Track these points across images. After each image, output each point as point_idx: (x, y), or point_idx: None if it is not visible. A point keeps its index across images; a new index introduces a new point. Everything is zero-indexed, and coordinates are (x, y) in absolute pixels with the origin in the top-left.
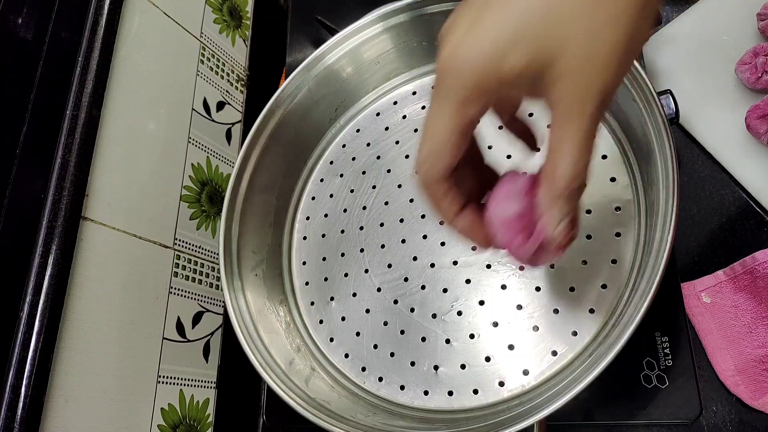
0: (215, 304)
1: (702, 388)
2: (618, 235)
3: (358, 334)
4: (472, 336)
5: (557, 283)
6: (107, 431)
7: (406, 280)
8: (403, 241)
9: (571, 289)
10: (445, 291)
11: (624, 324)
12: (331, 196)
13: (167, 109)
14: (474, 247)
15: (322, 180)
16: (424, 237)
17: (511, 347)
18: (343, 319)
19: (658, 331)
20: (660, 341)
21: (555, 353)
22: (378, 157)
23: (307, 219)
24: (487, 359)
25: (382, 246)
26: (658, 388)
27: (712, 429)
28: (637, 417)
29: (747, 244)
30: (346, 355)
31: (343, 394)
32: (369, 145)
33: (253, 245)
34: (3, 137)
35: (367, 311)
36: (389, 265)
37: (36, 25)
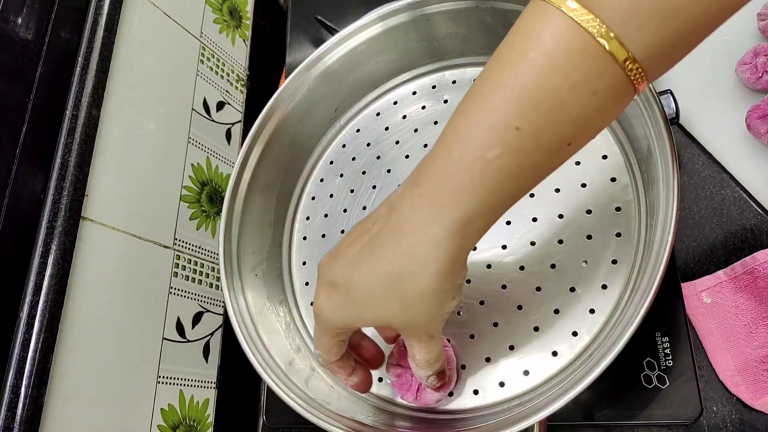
0: (215, 304)
1: (702, 388)
2: (618, 235)
3: None
4: (472, 336)
5: (557, 283)
6: (107, 431)
7: None
8: None
9: (571, 289)
10: None
11: (624, 324)
12: (331, 196)
13: (167, 109)
14: (474, 247)
15: (322, 180)
16: None
17: (511, 347)
18: None
19: (659, 331)
20: (660, 341)
21: (555, 353)
22: (378, 157)
23: (307, 219)
24: (487, 359)
25: None
26: (659, 388)
27: (712, 429)
28: (637, 417)
29: (747, 244)
30: None
31: (343, 394)
32: (369, 145)
33: (253, 245)
34: (3, 137)
35: None
36: None
37: (36, 25)
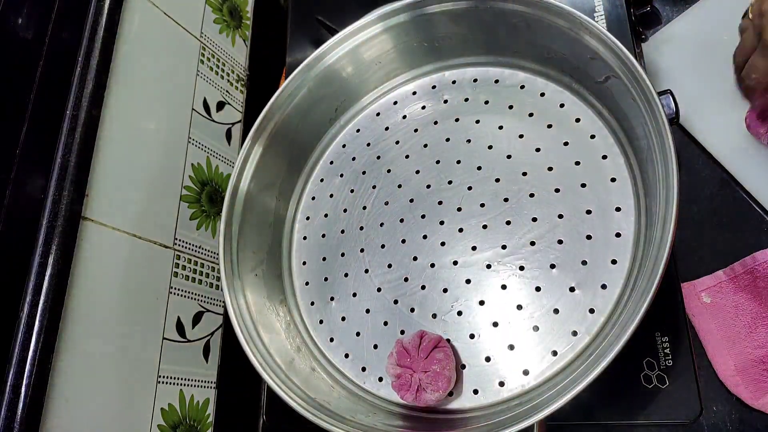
0: (215, 304)
1: (702, 388)
2: (618, 235)
3: (358, 334)
4: (472, 336)
5: (557, 283)
6: (107, 431)
7: (406, 280)
8: (403, 241)
9: (571, 289)
10: (445, 291)
11: (624, 324)
12: (331, 196)
13: (167, 109)
14: (474, 247)
15: (322, 180)
16: (424, 237)
17: (511, 347)
18: (343, 319)
19: (658, 331)
20: (660, 341)
21: (555, 353)
22: (378, 157)
23: (307, 219)
24: (487, 359)
25: (382, 246)
26: (659, 388)
27: (712, 429)
28: (637, 417)
29: (747, 244)
30: (346, 355)
31: (343, 394)
32: (369, 145)
33: (253, 245)
34: (3, 137)
35: (367, 311)
36: (389, 265)
37: (36, 25)
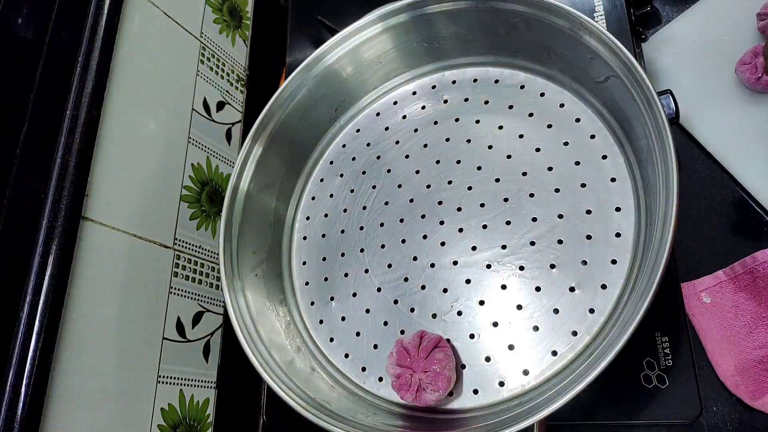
0: (215, 304)
1: (702, 388)
2: (618, 235)
3: (358, 334)
4: (472, 336)
5: (557, 283)
6: (107, 431)
7: (406, 280)
8: (403, 241)
9: (571, 289)
10: (445, 291)
11: (624, 324)
12: (331, 196)
13: (167, 109)
14: (474, 247)
15: (322, 180)
16: (424, 237)
17: (511, 347)
18: (343, 319)
19: (658, 331)
20: (660, 341)
21: (555, 353)
22: (378, 157)
23: (307, 219)
24: (487, 359)
25: (382, 246)
26: (658, 388)
27: (712, 429)
28: (637, 417)
29: (747, 244)
30: (346, 355)
31: (343, 394)
32: (369, 145)
33: (253, 245)
34: (3, 137)
35: (367, 311)
36: (389, 265)
37: (36, 25)
